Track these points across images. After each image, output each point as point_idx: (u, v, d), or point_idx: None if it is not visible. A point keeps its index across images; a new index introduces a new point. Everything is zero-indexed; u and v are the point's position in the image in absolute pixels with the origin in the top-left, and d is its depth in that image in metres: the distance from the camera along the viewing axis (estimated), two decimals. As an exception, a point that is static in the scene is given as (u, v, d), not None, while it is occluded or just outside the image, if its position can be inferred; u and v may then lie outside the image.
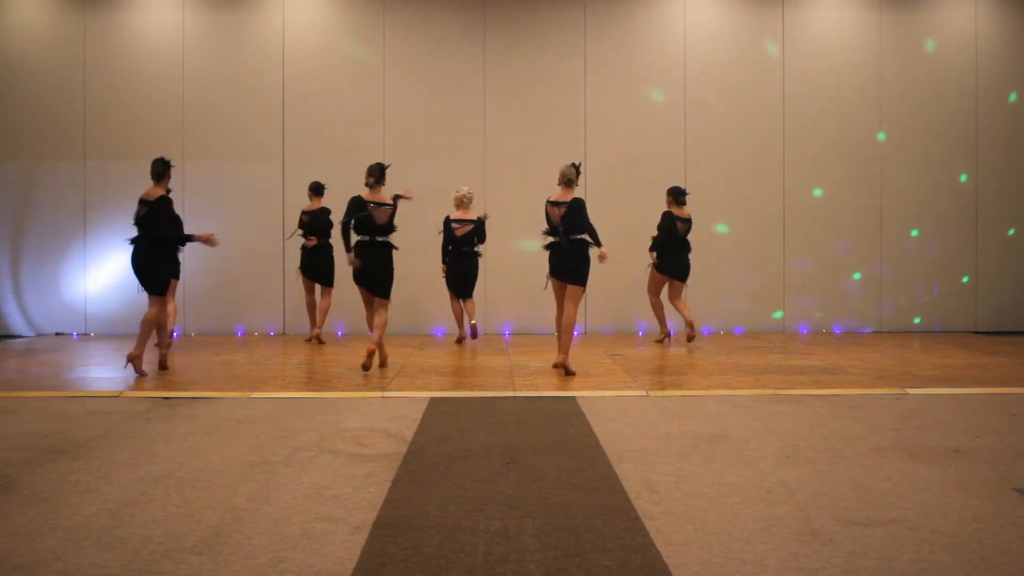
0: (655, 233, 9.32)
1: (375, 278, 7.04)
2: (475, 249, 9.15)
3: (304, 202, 9.69)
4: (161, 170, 7.05)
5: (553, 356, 8.30)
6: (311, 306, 9.62)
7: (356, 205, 6.98)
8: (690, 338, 9.18)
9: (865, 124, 10.91)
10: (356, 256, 7.01)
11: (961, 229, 10.99)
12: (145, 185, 7.13)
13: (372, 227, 6.99)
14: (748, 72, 10.83)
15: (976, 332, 10.85)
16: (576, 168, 7.11)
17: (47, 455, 4.27)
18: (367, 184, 7.10)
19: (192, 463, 4.12)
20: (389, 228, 7.08)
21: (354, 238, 7.08)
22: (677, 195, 9.23)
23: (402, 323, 10.48)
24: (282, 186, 10.57)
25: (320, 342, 9.37)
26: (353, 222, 6.97)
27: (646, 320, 10.57)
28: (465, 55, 10.70)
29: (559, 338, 7.16)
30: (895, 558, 2.85)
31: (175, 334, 10.31)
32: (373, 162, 7.29)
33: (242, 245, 10.50)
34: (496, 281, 10.56)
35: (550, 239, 7.10)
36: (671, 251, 9.22)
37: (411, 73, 10.68)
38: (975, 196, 10.99)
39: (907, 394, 6.10)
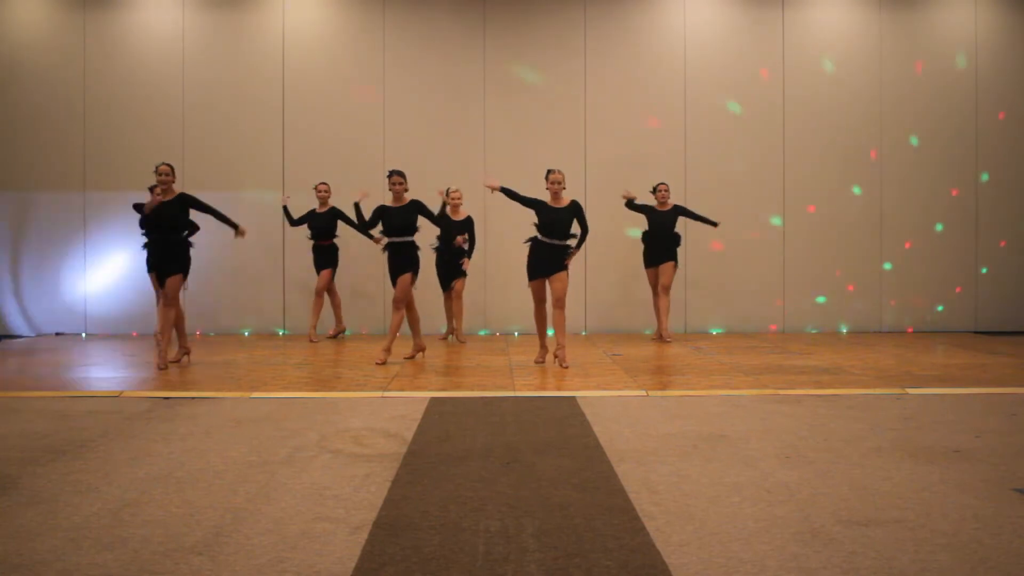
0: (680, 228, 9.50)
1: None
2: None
3: (310, 202, 9.71)
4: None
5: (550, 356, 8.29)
6: (319, 306, 9.63)
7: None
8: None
9: (865, 124, 10.90)
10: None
11: (961, 229, 10.98)
12: (145, 184, 7.27)
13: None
14: (748, 72, 10.83)
15: (976, 332, 10.84)
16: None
17: (47, 455, 4.27)
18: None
19: (192, 463, 4.12)
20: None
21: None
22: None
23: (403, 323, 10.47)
24: (282, 186, 10.57)
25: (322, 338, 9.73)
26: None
27: (647, 320, 10.60)
28: (465, 55, 10.70)
29: (556, 331, 7.41)
30: (895, 558, 2.85)
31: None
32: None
33: (242, 245, 10.50)
34: (497, 281, 10.56)
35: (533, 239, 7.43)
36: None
37: (411, 73, 10.68)
38: (975, 196, 10.99)
39: (907, 394, 6.10)
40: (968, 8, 10.96)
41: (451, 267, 9.31)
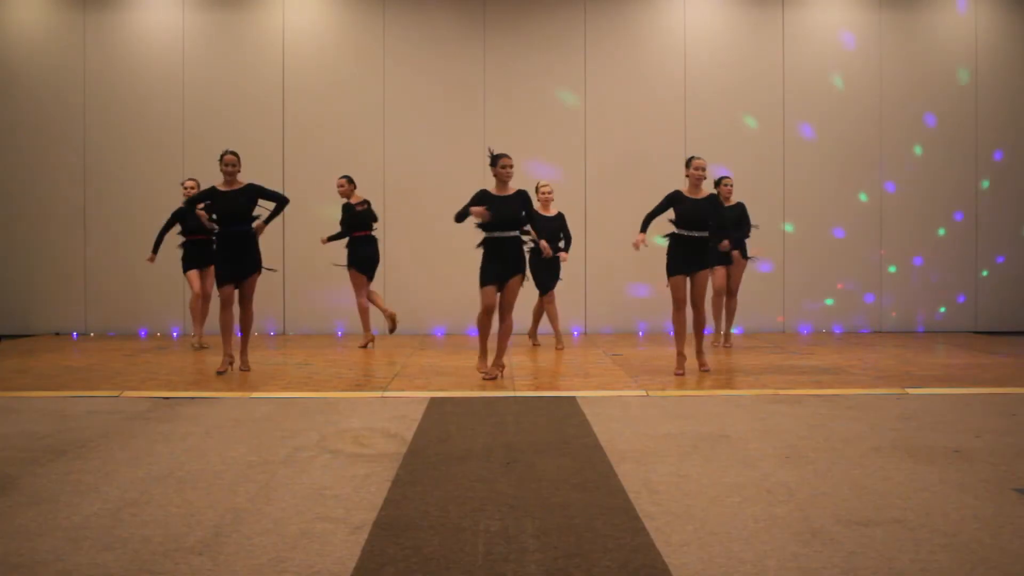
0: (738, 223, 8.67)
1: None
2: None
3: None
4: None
5: (556, 355, 8.29)
6: (366, 308, 8.80)
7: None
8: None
9: (865, 124, 10.90)
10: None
11: (962, 229, 10.98)
12: (145, 184, 7.23)
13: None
14: (748, 72, 10.82)
15: (976, 332, 10.84)
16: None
17: (47, 455, 4.27)
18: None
19: (192, 463, 4.12)
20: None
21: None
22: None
23: (403, 323, 10.50)
24: (282, 186, 10.55)
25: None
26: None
27: (646, 320, 10.62)
28: (465, 55, 10.70)
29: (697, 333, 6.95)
30: (895, 558, 2.85)
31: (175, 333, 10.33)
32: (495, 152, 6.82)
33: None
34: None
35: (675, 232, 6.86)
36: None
37: (411, 73, 10.67)
38: (975, 196, 10.99)
39: (907, 394, 6.10)
40: (968, 9, 10.96)
41: (549, 268, 8.38)
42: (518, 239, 6.57)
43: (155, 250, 8.64)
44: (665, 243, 6.99)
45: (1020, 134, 11.01)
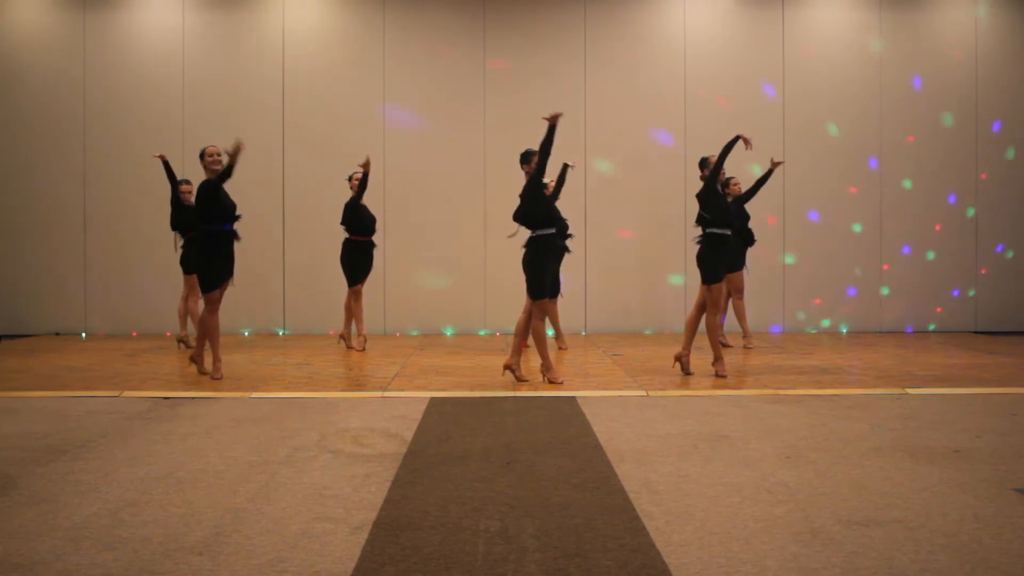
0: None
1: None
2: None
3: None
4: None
5: (559, 355, 8.29)
6: (358, 310, 8.56)
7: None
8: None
9: (865, 123, 10.89)
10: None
11: (962, 229, 10.98)
12: (145, 185, 7.19)
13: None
14: (748, 72, 10.82)
15: (976, 332, 10.84)
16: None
17: (47, 455, 4.27)
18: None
19: (192, 463, 4.12)
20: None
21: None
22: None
23: (402, 323, 10.51)
24: (282, 186, 10.56)
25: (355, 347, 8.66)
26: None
27: (646, 320, 10.62)
28: (465, 55, 10.70)
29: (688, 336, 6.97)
30: (895, 558, 2.85)
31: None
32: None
33: (242, 245, 10.48)
34: (496, 281, 10.54)
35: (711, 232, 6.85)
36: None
37: (411, 73, 10.67)
38: (976, 196, 10.98)
39: (907, 394, 6.10)
40: (968, 8, 10.96)
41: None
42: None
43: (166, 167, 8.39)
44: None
45: (1021, 132, 11.01)
